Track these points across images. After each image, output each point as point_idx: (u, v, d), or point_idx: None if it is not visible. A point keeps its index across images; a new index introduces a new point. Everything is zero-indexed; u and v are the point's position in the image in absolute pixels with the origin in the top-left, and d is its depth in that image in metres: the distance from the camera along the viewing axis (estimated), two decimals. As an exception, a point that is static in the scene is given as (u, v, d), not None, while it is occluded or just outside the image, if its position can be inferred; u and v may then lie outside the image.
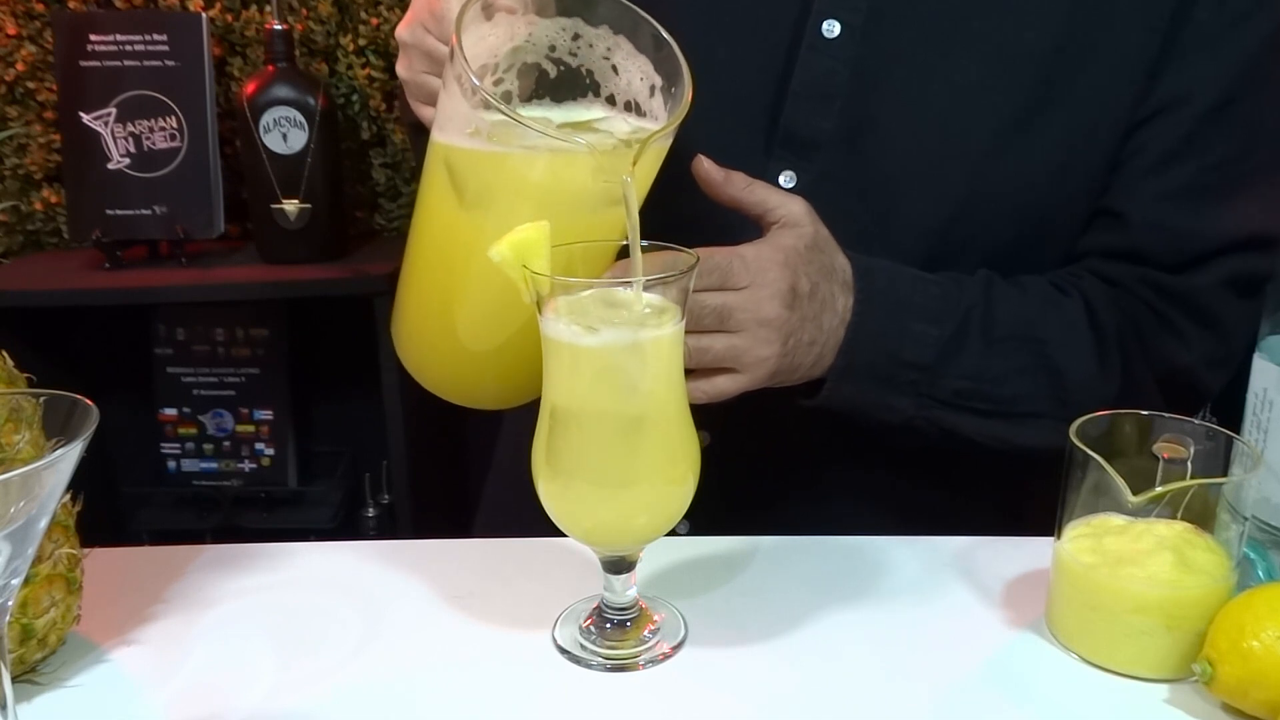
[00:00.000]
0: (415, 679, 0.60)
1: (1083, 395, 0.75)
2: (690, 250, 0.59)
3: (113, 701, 0.58)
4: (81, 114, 1.54)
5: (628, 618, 0.63)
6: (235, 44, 1.64)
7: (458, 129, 0.63)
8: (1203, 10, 0.73)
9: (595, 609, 0.64)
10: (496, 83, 0.67)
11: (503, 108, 0.57)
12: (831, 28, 0.75)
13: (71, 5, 1.61)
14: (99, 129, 1.54)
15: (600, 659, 0.61)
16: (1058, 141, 0.75)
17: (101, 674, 0.60)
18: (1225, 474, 0.60)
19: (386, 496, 1.73)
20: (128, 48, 1.54)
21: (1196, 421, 0.63)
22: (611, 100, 0.68)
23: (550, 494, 0.60)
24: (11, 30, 1.60)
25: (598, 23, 0.66)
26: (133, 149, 1.55)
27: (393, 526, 1.69)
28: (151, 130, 1.55)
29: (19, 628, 0.57)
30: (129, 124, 1.54)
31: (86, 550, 0.62)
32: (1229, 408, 0.67)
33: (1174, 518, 0.60)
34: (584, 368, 0.58)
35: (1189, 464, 0.61)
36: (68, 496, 0.60)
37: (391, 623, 0.65)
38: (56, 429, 0.46)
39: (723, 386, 0.68)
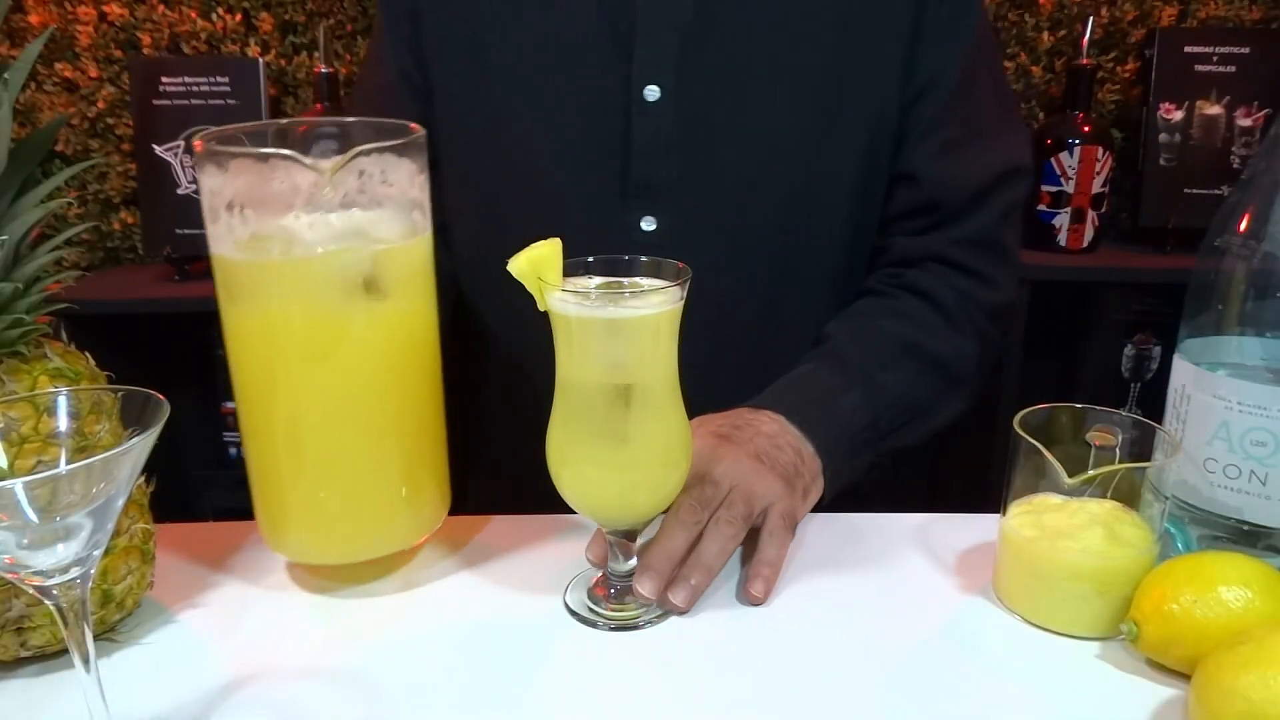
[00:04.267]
0: (443, 635, 0.60)
1: (960, 367, 0.82)
2: (681, 264, 0.59)
3: (181, 656, 0.59)
4: (154, 146, 1.55)
5: (630, 584, 0.63)
6: (288, 85, 1.65)
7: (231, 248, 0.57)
8: (930, 11, 0.80)
9: (601, 577, 0.65)
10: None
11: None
12: (652, 92, 0.78)
13: (145, 52, 1.61)
14: (169, 159, 1.55)
15: (605, 620, 0.62)
16: (859, 131, 0.81)
17: (171, 632, 0.61)
18: (1149, 459, 0.61)
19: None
20: (194, 88, 1.54)
21: (1124, 413, 0.63)
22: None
23: (563, 478, 0.61)
24: (93, 73, 1.61)
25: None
26: (199, 176, 1.55)
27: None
28: (215, 160, 1.55)
29: (100, 593, 0.58)
30: (195, 154, 1.55)
31: (158, 525, 0.63)
32: (1152, 401, 0.67)
33: (1104, 497, 0.61)
34: (581, 337, 0.57)
35: (1118, 450, 0.62)
36: (142, 478, 0.60)
37: (423, 588, 0.66)
38: (132, 420, 0.47)
39: (778, 542, 0.66)
